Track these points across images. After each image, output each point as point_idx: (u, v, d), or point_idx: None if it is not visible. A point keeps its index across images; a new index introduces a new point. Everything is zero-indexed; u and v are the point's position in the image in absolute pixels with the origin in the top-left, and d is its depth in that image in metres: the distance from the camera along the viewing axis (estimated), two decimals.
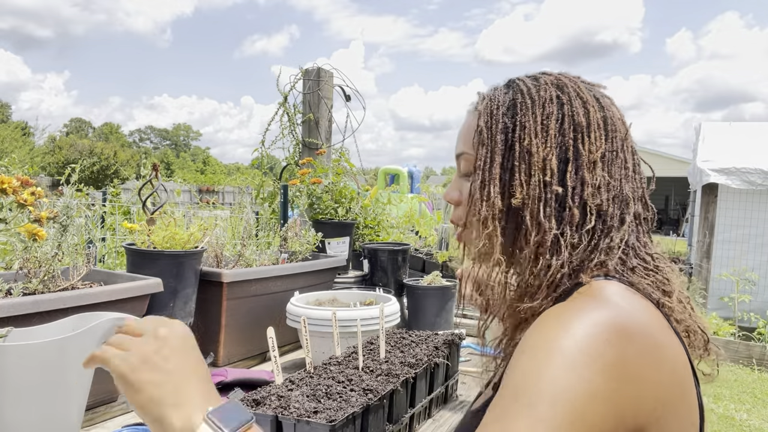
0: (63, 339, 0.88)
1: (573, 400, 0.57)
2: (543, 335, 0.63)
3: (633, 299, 0.68)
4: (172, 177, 29.81)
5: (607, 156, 0.74)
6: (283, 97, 2.89)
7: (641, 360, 0.61)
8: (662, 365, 0.63)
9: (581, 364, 0.58)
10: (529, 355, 0.62)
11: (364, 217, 2.64)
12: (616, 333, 0.61)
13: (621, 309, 0.65)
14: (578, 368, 0.58)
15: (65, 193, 1.20)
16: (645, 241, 0.77)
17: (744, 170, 6.16)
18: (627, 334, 0.62)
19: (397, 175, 9.97)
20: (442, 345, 1.32)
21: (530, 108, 0.76)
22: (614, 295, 0.68)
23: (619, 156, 0.75)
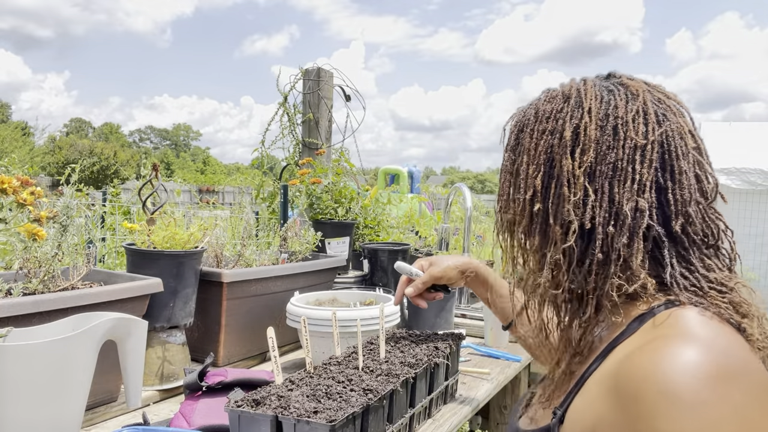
0: (63, 339, 0.88)
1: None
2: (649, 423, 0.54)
3: (719, 330, 0.61)
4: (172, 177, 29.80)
5: (600, 169, 0.69)
6: (283, 97, 2.89)
7: (763, 393, 0.55)
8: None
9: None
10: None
11: (364, 217, 2.64)
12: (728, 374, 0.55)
13: (716, 346, 0.58)
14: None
15: (65, 193, 1.20)
16: (702, 258, 0.70)
17: (744, 170, 6.16)
18: (737, 372, 0.55)
19: (397, 175, 9.96)
20: (442, 345, 1.32)
21: (528, 125, 0.77)
22: (696, 327, 0.61)
23: (622, 167, 0.69)
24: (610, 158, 0.69)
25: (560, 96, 0.76)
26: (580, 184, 0.70)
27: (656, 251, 0.69)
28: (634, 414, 0.55)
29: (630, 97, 0.72)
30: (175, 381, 1.36)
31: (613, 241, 0.68)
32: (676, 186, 0.69)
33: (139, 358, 1.03)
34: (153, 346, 1.35)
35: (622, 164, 0.69)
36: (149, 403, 1.30)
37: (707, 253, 0.71)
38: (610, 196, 0.69)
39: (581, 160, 0.70)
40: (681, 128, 0.72)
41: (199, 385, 1.22)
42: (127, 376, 1.03)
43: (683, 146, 0.71)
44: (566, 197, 0.70)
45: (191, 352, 1.48)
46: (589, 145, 0.70)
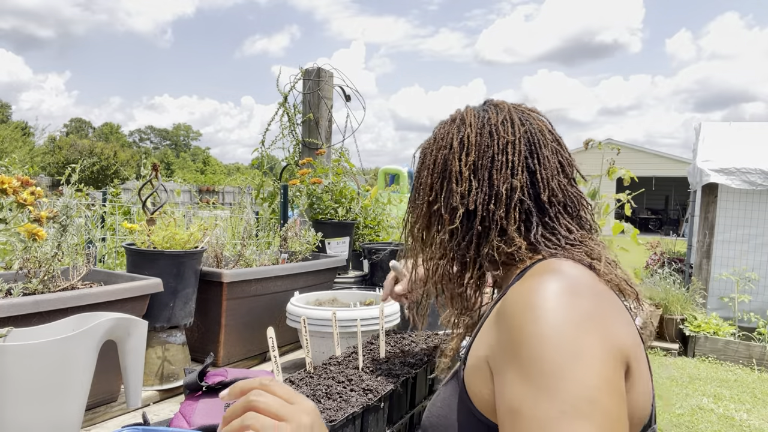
0: (63, 339, 0.88)
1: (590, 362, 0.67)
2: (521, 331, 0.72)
3: (574, 267, 0.80)
4: (172, 177, 29.80)
5: (481, 164, 0.89)
6: (283, 97, 2.89)
7: (606, 304, 0.75)
8: (621, 311, 0.78)
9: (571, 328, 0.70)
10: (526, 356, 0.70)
11: (364, 217, 2.64)
12: (577, 291, 0.74)
13: (570, 275, 0.77)
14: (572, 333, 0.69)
15: (65, 193, 1.20)
16: (566, 224, 0.89)
17: (744, 170, 6.15)
18: (584, 290, 0.75)
19: (397, 175, 9.96)
20: (442, 345, 1.32)
21: (430, 147, 0.97)
22: (559, 267, 0.79)
23: (500, 160, 0.88)
24: (489, 153, 0.89)
25: (449, 120, 0.97)
26: (465, 178, 0.89)
27: (527, 220, 0.88)
28: (510, 327, 0.73)
29: (498, 110, 0.94)
30: (175, 381, 1.36)
31: (494, 215, 0.87)
32: (542, 168, 0.89)
33: (139, 358, 1.03)
34: (153, 346, 1.35)
35: (498, 156, 0.89)
36: (149, 403, 1.30)
37: (569, 220, 0.90)
38: (490, 182, 0.88)
39: (466, 160, 0.90)
40: (541, 127, 0.93)
41: (199, 385, 1.22)
42: (127, 376, 1.03)
43: (544, 139, 0.91)
44: (454, 190, 0.90)
45: (191, 352, 1.48)
46: (472, 148, 0.90)
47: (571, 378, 0.65)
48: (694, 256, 6.85)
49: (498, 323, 0.77)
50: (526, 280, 0.79)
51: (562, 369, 0.66)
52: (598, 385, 0.65)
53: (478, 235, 0.89)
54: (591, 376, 0.66)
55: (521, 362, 0.69)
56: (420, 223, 0.98)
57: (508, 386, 0.70)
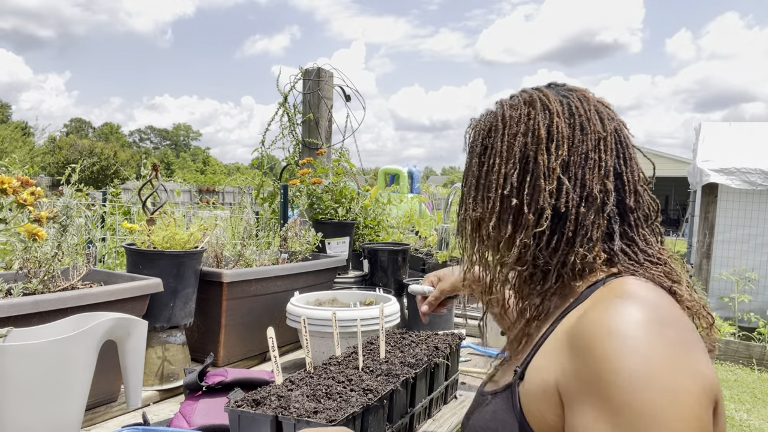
0: (63, 339, 0.88)
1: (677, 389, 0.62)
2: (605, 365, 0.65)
3: (655, 291, 0.73)
4: (172, 177, 29.79)
5: (573, 160, 0.80)
6: (283, 97, 2.89)
7: (690, 335, 0.69)
8: (700, 341, 0.70)
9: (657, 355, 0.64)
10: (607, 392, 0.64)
11: (364, 217, 2.64)
12: (664, 320, 0.68)
13: (652, 302, 0.70)
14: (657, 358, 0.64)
15: (65, 193, 1.20)
16: (644, 234, 0.82)
17: (744, 170, 6.15)
18: (671, 319, 0.69)
19: (397, 175, 9.96)
20: (442, 345, 1.32)
21: (499, 129, 0.85)
22: (637, 289, 0.72)
23: (592, 157, 0.80)
24: (581, 150, 0.80)
25: (522, 103, 0.86)
26: (555, 175, 0.79)
27: (610, 228, 0.81)
28: (590, 357, 0.67)
29: (582, 99, 0.85)
30: (175, 381, 1.36)
31: (584, 219, 0.79)
32: (628, 170, 0.82)
33: (139, 358, 1.03)
34: (153, 346, 1.35)
35: (591, 154, 0.80)
36: (149, 403, 1.30)
37: (647, 229, 0.83)
38: (582, 182, 0.79)
39: (557, 154, 0.80)
40: (622, 123, 0.86)
41: (199, 385, 1.22)
42: (127, 376, 1.03)
43: (628, 137, 0.85)
44: (542, 188, 0.80)
45: (191, 352, 1.48)
46: (563, 141, 0.80)
47: (666, 419, 0.60)
48: (694, 256, 6.85)
49: (573, 348, 0.70)
50: (603, 301, 0.72)
51: (657, 410, 0.60)
52: (694, 428, 0.61)
53: (567, 241, 0.79)
54: (688, 418, 0.61)
55: (607, 399, 0.63)
56: (489, 221, 0.85)
57: (591, 423, 0.64)
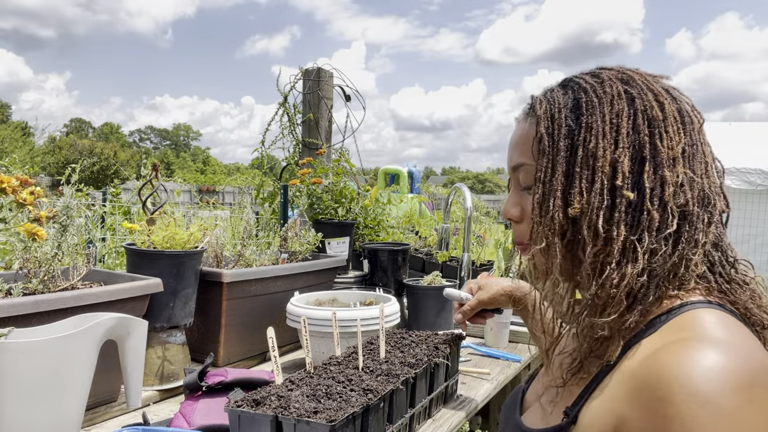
0: (64, 337, 0.88)
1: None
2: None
3: (740, 332, 0.61)
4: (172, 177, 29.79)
5: (688, 150, 0.68)
6: (283, 97, 2.88)
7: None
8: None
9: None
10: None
11: (364, 217, 2.64)
12: (757, 379, 0.54)
13: (743, 349, 0.58)
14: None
15: (65, 193, 1.20)
16: (729, 243, 0.71)
17: (744, 170, 6.16)
18: (764, 376, 0.55)
19: (397, 175, 9.96)
20: (442, 345, 1.32)
21: (597, 106, 0.68)
22: (718, 329, 0.60)
23: (699, 149, 0.69)
24: (692, 140, 0.69)
25: (615, 79, 0.71)
26: (680, 167, 0.67)
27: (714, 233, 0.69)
28: (663, 416, 0.55)
29: (669, 85, 0.74)
30: (175, 381, 1.36)
31: (697, 220, 0.67)
32: (712, 168, 0.71)
33: (139, 358, 1.03)
34: (153, 346, 1.35)
35: (700, 146, 0.70)
36: (149, 403, 1.30)
37: (727, 239, 0.71)
38: (692, 178, 0.67)
39: (677, 139, 0.67)
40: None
41: (199, 385, 1.22)
42: (127, 376, 1.03)
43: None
44: (667, 179, 0.65)
45: (191, 352, 1.48)
46: (678, 126, 0.68)
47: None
48: None
49: (639, 396, 0.58)
50: (678, 342, 0.59)
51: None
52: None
53: (684, 246, 0.66)
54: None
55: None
56: (592, 220, 0.66)
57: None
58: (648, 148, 0.67)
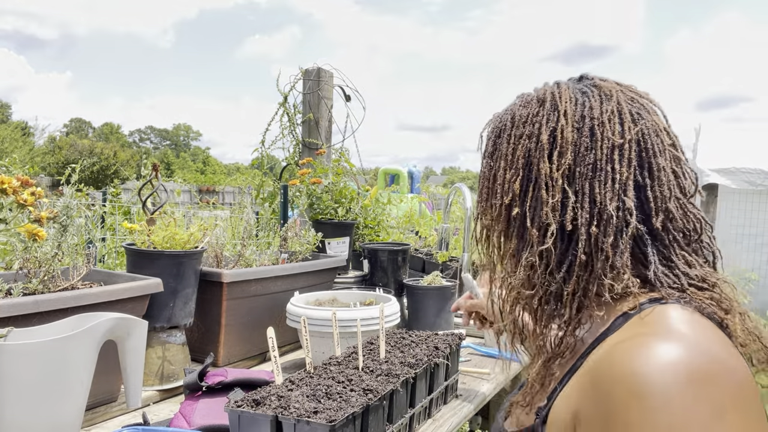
0: (63, 338, 0.88)
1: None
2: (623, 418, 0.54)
3: (703, 327, 0.61)
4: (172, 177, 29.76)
5: (579, 170, 0.69)
6: (283, 98, 2.88)
7: (744, 398, 0.54)
8: (755, 407, 0.55)
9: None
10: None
11: (364, 217, 2.64)
12: (711, 376, 0.54)
13: (699, 344, 0.57)
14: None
15: (65, 193, 1.20)
16: (683, 255, 0.70)
17: (744, 170, 6.15)
18: (721, 373, 0.54)
19: (397, 176, 9.95)
20: (442, 345, 1.32)
21: (507, 130, 0.77)
22: (682, 325, 0.60)
23: (603, 169, 0.68)
24: (589, 159, 0.69)
25: (535, 100, 0.76)
26: (559, 187, 0.70)
27: (637, 249, 0.70)
28: (606, 410, 0.56)
29: (604, 98, 0.72)
30: (175, 381, 1.36)
31: (598, 241, 0.67)
32: (655, 183, 0.69)
33: (139, 358, 1.03)
34: (153, 346, 1.35)
35: (602, 164, 0.69)
36: (149, 403, 1.30)
37: (687, 249, 0.71)
38: (591, 197, 0.68)
39: (559, 162, 0.70)
40: (656, 126, 0.72)
41: (199, 385, 1.22)
42: (127, 376, 1.03)
43: (659, 143, 0.71)
44: (544, 200, 0.70)
45: (191, 352, 1.48)
46: (567, 148, 0.70)
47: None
48: None
49: (592, 391, 0.59)
50: (634, 338, 0.60)
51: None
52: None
53: (582, 265, 0.68)
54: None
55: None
56: (495, 231, 0.78)
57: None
58: (534, 171, 0.73)
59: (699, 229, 0.71)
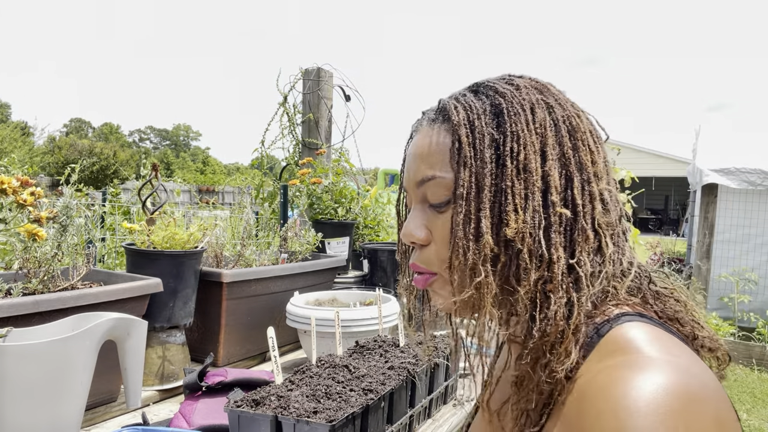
0: (63, 339, 0.88)
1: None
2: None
3: (673, 346, 0.55)
4: (172, 177, 29.79)
5: (604, 166, 0.63)
6: (283, 97, 2.89)
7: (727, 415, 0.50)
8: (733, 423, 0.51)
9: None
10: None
11: (364, 217, 2.64)
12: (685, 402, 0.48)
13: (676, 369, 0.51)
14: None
15: (65, 193, 1.20)
16: (629, 254, 0.65)
17: (744, 170, 6.15)
18: (695, 400, 0.49)
19: (397, 176, 9.96)
20: (441, 345, 1.32)
21: (520, 113, 0.61)
22: (653, 346, 0.54)
23: (608, 164, 0.64)
24: (604, 154, 0.65)
25: (529, 87, 0.65)
26: (604, 182, 0.62)
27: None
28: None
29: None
30: (175, 381, 1.36)
31: (622, 238, 0.64)
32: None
33: (139, 358, 1.03)
34: (153, 346, 1.35)
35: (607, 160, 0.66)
36: (149, 403, 1.30)
37: (628, 248, 0.65)
38: (612, 194, 0.64)
39: (597, 153, 0.63)
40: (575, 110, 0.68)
41: (199, 385, 1.22)
42: (127, 376, 1.03)
43: (580, 125, 0.67)
44: (595, 195, 0.61)
45: (191, 352, 1.48)
46: (595, 139, 0.64)
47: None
48: (693, 256, 6.85)
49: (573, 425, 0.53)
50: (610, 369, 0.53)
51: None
52: None
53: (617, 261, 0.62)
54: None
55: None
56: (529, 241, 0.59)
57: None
58: (573, 163, 0.61)
59: (619, 219, 0.64)
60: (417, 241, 0.66)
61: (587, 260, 0.59)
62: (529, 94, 0.63)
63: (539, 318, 0.58)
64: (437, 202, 0.64)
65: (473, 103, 0.64)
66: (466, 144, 0.61)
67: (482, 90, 0.65)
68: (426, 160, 0.65)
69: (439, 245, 0.64)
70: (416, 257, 0.67)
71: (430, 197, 0.65)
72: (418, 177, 0.66)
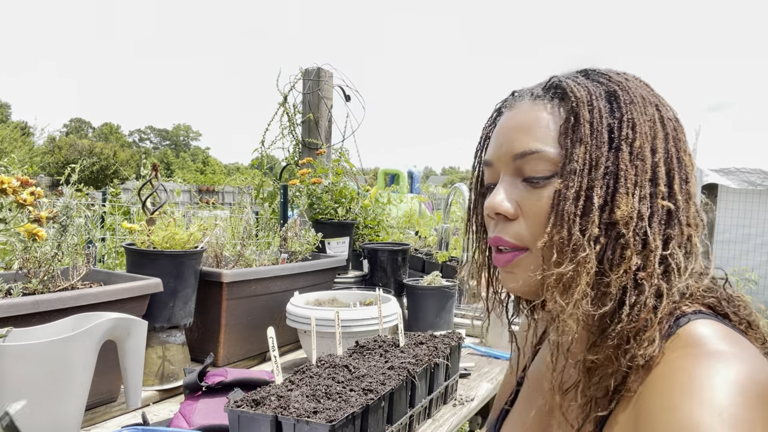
0: (63, 339, 0.88)
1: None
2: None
3: (741, 343, 0.56)
4: (172, 177, 29.79)
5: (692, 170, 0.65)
6: (283, 97, 2.88)
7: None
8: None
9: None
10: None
11: (364, 217, 2.64)
12: (754, 397, 0.49)
13: (751, 363, 0.53)
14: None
15: (65, 193, 1.20)
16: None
17: (744, 170, 6.16)
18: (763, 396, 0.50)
19: (397, 176, 9.96)
20: (442, 345, 1.32)
21: (636, 103, 0.62)
22: (725, 342, 0.55)
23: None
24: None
25: (635, 80, 0.66)
26: (693, 181, 0.64)
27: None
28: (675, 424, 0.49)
29: None
30: (175, 381, 1.36)
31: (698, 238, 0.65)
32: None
33: (139, 358, 1.03)
34: (153, 346, 1.35)
35: None
36: (149, 403, 1.30)
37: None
38: (695, 193, 0.66)
39: (690, 153, 0.65)
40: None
41: (199, 385, 1.22)
42: (127, 376, 1.03)
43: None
44: (692, 195, 0.63)
45: (191, 352, 1.48)
46: (686, 140, 0.66)
47: None
48: None
49: (645, 409, 0.54)
50: (685, 357, 0.54)
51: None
52: None
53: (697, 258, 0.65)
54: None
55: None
56: (634, 228, 0.60)
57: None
58: (675, 160, 0.62)
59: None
60: (504, 213, 0.65)
61: (679, 254, 0.60)
62: (639, 88, 0.64)
63: (629, 303, 0.58)
64: (536, 176, 0.63)
65: (590, 86, 0.64)
66: (586, 121, 0.61)
67: (594, 76, 0.66)
68: (530, 134, 0.64)
69: (532, 220, 0.63)
70: (502, 231, 0.65)
71: (528, 171, 0.64)
72: (518, 149, 0.65)
